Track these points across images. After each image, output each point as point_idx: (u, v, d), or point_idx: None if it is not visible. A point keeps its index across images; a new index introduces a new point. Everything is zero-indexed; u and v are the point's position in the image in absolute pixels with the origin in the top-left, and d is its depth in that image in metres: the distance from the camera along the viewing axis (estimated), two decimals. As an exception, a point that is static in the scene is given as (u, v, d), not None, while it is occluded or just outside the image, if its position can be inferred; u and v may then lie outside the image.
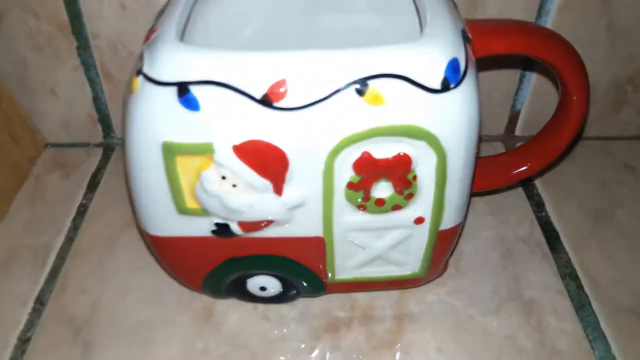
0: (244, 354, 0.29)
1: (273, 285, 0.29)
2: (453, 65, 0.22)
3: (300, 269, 0.28)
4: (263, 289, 0.29)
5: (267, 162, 0.22)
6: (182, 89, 0.21)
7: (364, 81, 0.21)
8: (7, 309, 0.31)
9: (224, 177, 0.23)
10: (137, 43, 0.33)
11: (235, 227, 0.25)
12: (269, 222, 0.25)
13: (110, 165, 0.40)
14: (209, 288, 0.29)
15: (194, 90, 0.21)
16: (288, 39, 0.28)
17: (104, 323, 0.30)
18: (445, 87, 0.22)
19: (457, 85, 0.22)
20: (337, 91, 0.21)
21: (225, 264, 0.27)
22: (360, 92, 0.21)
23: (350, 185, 0.24)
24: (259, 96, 0.21)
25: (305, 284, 0.29)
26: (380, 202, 0.25)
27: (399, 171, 0.23)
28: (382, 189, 0.25)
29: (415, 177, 0.24)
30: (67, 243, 0.35)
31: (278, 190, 0.24)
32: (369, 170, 0.23)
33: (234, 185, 0.23)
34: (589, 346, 0.29)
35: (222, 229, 0.25)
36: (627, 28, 0.37)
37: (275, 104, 0.21)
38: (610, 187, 0.38)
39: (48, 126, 0.41)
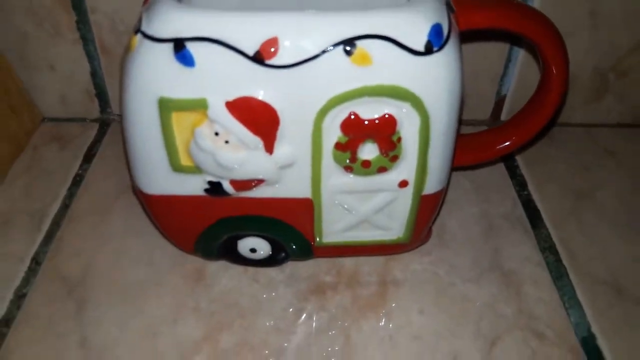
0: (233, 312, 0.30)
1: (263, 248, 0.30)
2: (436, 29, 0.23)
3: (290, 231, 0.29)
4: (253, 250, 0.30)
5: (258, 118, 0.24)
6: (178, 45, 0.22)
7: (352, 41, 0.22)
8: (4, 267, 0.32)
9: (217, 134, 0.24)
10: (134, 18, 0.33)
11: (227, 186, 0.26)
12: (260, 182, 0.26)
13: (107, 138, 0.41)
14: (201, 249, 0.30)
15: (190, 46, 0.22)
16: (282, 4, 0.29)
17: (97, 282, 0.31)
18: (429, 50, 0.23)
19: (440, 49, 0.23)
20: (325, 50, 0.22)
21: (217, 224, 0.28)
22: (348, 52, 0.22)
23: (338, 146, 0.25)
24: (251, 53, 0.22)
25: (293, 246, 0.30)
26: (366, 163, 0.26)
27: (385, 132, 0.25)
28: (368, 151, 0.26)
29: (399, 139, 0.25)
30: (62, 209, 0.35)
31: (269, 148, 0.25)
32: (356, 130, 0.25)
33: (227, 142, 0.24)
34: (565, 313, 0.30)
35: (214, 188, 0.26)
36: (611, 15, 0.38)
37: (267, 62, 0.22)
38: (591, 171, 0.40)
39: (45, 101, 0.42)
